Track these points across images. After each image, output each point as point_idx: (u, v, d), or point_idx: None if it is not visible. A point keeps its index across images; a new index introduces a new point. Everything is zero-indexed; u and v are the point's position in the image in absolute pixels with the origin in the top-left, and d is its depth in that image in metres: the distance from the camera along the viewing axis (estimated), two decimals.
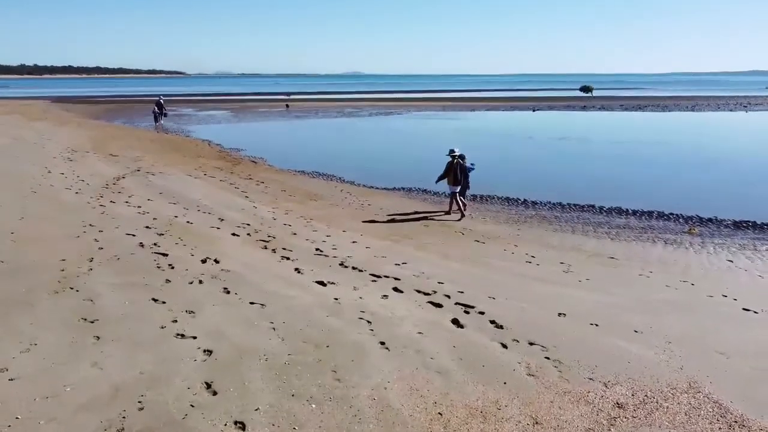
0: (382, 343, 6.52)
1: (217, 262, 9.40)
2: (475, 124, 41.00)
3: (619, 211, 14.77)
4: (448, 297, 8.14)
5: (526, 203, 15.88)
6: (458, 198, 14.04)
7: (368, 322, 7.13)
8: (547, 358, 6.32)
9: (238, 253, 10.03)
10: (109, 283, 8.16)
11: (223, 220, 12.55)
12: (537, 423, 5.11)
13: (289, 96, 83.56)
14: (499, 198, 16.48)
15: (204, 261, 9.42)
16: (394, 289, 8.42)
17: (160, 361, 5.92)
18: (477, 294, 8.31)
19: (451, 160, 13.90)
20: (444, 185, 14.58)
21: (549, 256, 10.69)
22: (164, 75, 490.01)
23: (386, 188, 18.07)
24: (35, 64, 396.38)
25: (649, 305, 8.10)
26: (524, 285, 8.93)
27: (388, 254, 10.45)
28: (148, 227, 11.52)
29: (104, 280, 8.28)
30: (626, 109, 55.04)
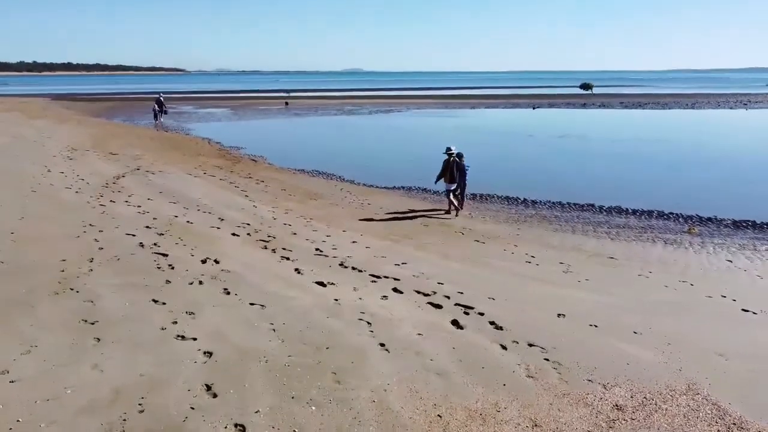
0: (382, 345, 6.54)
1: (217, 262, 9.42)
2: (476, 122, 40.98)
3: (619, 211, 14.78)
4: (448, 298, 8.16)
5: (526, 202, 15.88)
6: (452, 195, 14.21)
7: (368, 323, 7.14)
8: (547, 360, 6.34)
9: (238, 253, 10.04)
10: (110, 284, 8.17)
11: (223, 220, 12.56)
12: (536, 425, 5.13)
13: (288, 93, 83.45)
14: (499, 197, 16.49)
15: (204, 261, 9.43)
16: (394, 290, 8.43)
17: (161, 363, 5.93)
18: (477, 294, 8.33)
19: (448, 158, 14.03)
20: (443, 184, 14.60)
21: (549, 256, 10.71)
22: (164, 72, 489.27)
23: (386, 187, 18.07)
24: (34, 61, 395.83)
25: (649, 306, 8.12)
26: (524, 285, 8.95)
27: (388, 254, 10.47)
28: (148, 227, 11.53)
29: (104, 280, 8.30)
30: (626, 107, 55.01)
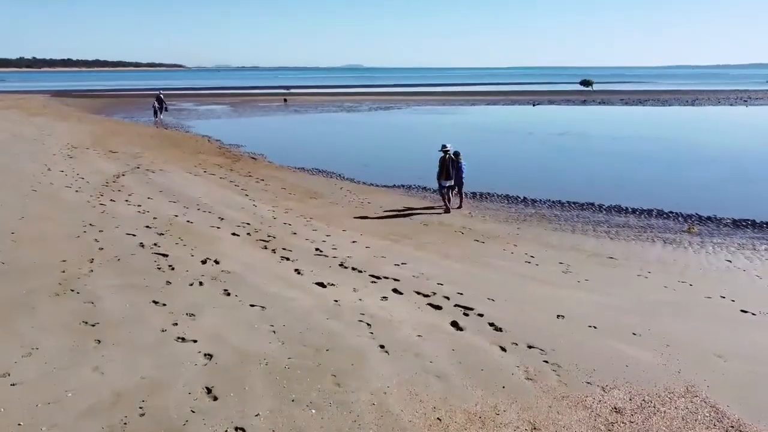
0: (382, 347, 6.55)
1: (217, 262, 9.43)
2: (475, 119, 40.95)
3: (619, 210, 14.79)
4: (448, 298, 8.18)
5: (526, 201, 15.90)
6: (451, 193, 14.51)
7: (368, 324, 7.16)
8: (546, 362, 6.35)
9: (238, 254, 10.06)
10: (110, 285, 8.19)
11: (223, 219, 12.58)
12: (535, 428, 5.14)
13: (288, 90, 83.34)
14: (498, 196, 16.51)
15: (204, 262, 9.44)
16: (394, 291, 8.45)
17: (161, 366, 5.95)
18: (476, 295, 8.34)
19: (444, 156, 14.23)
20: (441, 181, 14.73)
21: (548, 256, 10.73)
22: (164, 68, 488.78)
23: (386, 185, 18.08)
24: (34, 57, 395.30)
25: (648, 307, 8.13)
26: (523, 286, 8.97)
27: (388, 254, 10.49)
28: (148, 227, 11.55)
29: (105, 281, 8.31)
30: (626, 104, 54.99)
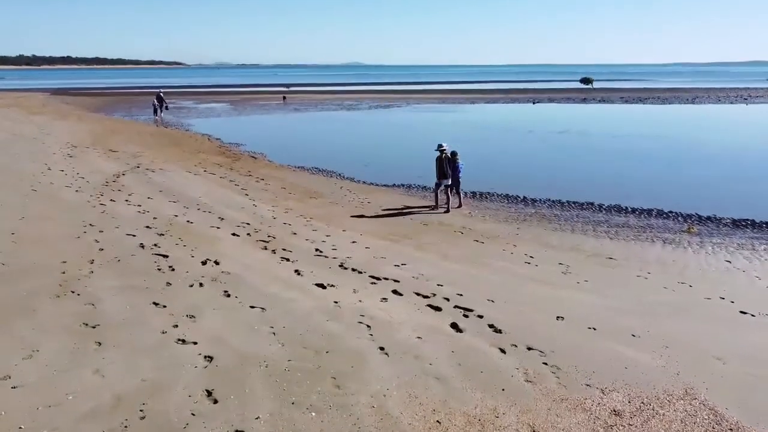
0: (382, 349, 6.57)
1: (217, 263, 9.44)
2: (475, 117, 40.94)
3: (619, 210, 14.79)
4: (447, 300, 8.19)
5: (526, 201, 15.89)
6: (440, 192, 14.69)
7: (368, 326, 7.17)
8: (545, 364, 6.37)
9: (238, 254, 10.07)
10: (110, 286, 8.20)
11: (223, 219, 12.59)
12: (534, 431, 5.16)
13: (288, 88, 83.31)
14: (498, 195, 16.50)
15: (204, 263, 9.45)
16: (394, 292, 8.46)
17: (162, 368, 5.97)
18: (476, 296, 8.36)
19: (440, 155, 14.45)
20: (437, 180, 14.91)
21: (548, 257, 10.73)
22: (163, 66, 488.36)
23: (386, 185, 18.08)
24: (33, 55, 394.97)
25: (647, 308, 8.15)
26: (523, 287, 8.98)
27: (388, 255, 10.50)
28: (148, 227, 11.56)
29: (105, 283, 8.33)
30: (626, 102, 54.95)
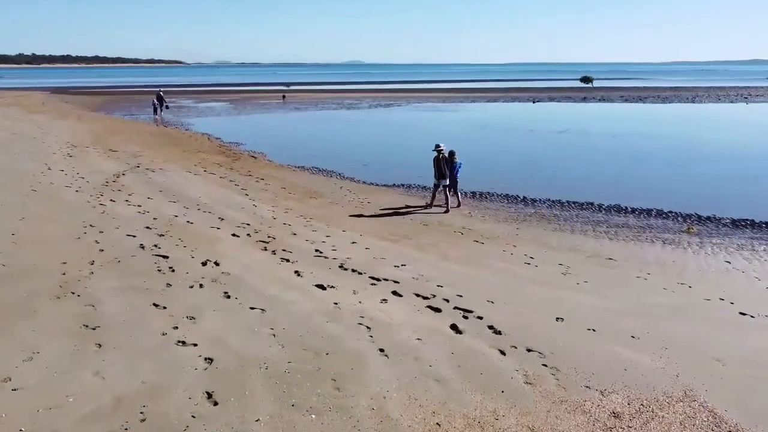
0: (381, 350, 6.58)
1: (217, 264, 9.45)
2: (476, 116, 40.91)
3: (618, 210, 14.78)
4: (447, 301, 8.20)
5: (526, 200, 15.90)
6: (438, 192, 14.80)
7: (367, 327, 7.19)
8: (545, 366, 6.38)
9: (239, 255, 10.08)
10: (110, 288, 8.21)
11: (223, 220, 12.59)
12: None
13: (288, 87, 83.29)
14: (498, 195, 16.51)
15: (204, 263, 9.46)
16: (394, 293, 8.47)
17: (162, 370, 5.98)
18: (476, 297, 8.37)
19: (437, 155, 14.61)
20: (433, 179, 15.02)
21: (548, 257, 10.74)
22: (163, 64, 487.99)
23: (386, 185, 18.08)
24: (33, 53, 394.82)
25: (647, 309, 8.16)
26: (522, 288, 8.99)
27: (388, 255, 10.50)
28: (148, 227, 11.56)
29: (105, 284, 8.34)
30: (626, 101, 54.94)
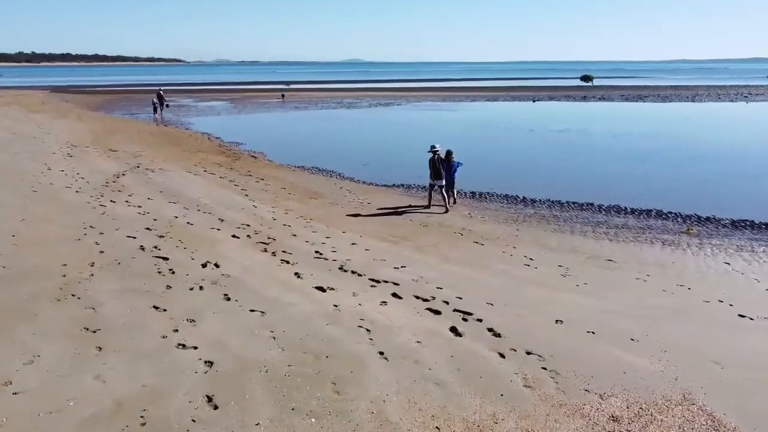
0: (381, 353, 6.60)
1: (217, 266, 9.46)
2: (476, 115, 40.90)
3: (618, 210, 14.79)
4: (447, 303, 8.21)
5: (526, 201, 15.90)
6: (434, 192, 14.94)
7: (367, 330, 7.20)
8: (544, 369, 6.40)
9: (238, 256, 10.09)
10: (111, 290, 8.22)
11: (223, 221, 12.60)
12: None
13: (288, 85, 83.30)
14: (498, 195, 16.51)
15: (204, 265, 9.47)
16: (393, 295, 8.49)
17: (162, 373, 5.99)
18: (475, 300, 8.38)
19: (433, 156, 14.73)
20: (429, 180, 15.15)
21: (547, 258, 10.75)
22: (163, 63, 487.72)
23: (386, 185, 18.09)
24: (33, 52, 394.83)
25: (646, 311, 8.17)
26: (522, 289, 9.00)
27: (388, 257, 10.52)
28: (148, 229, 11.57)
29: (105, 286, 8.35)
30: (626, 100, 54.93)
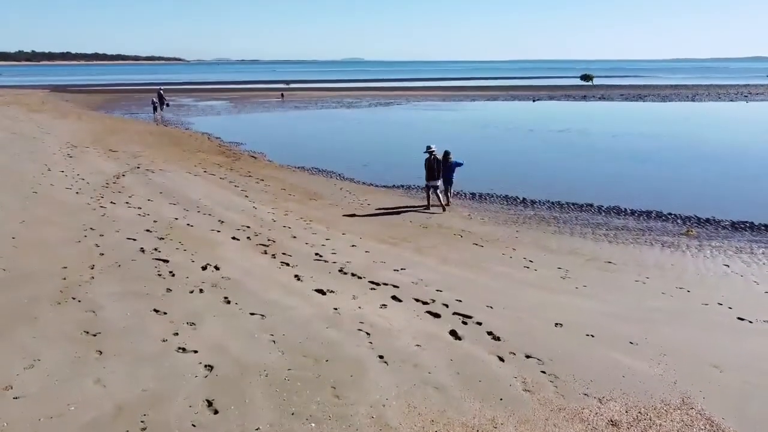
0: (381, 357, 6.61)
1: (217, 268, 9.48)
2: (476, 115, 40.89)
3: (618, 211, 14.81)
4: (447, 306, 8.22)
5: (525, 202, 15.92)
6: (432, 192, 15.00)
7: (367, 333, 7.21)
8: (543, 372, 6.41)
9: (238, 259, 10.10)
10: (111, 293, 8.23)
11: (223, 222, 12.61)
12: None
13: (287, 84, 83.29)
14: (498, 196, 16.53)
15: (204, 268, 9.48)
16: (393, 298, 8.50)
17: (162, 378, 6.01)
18: (475, 302, 8.39)
19: (429, 157, 14.81)
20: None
21: (547, 261, 10.77)
22: (163, 61, 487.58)
23: (385, 186, 18.11)
24: (33, 51, 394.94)
25: (645, 314, 8.18)
26: (522, 292, 9.01)
27: (387, 258, 10.53)
28: (148, 230, 11.58)
29: (106, 289, 8.36)
30: (626, 99, 54.91)
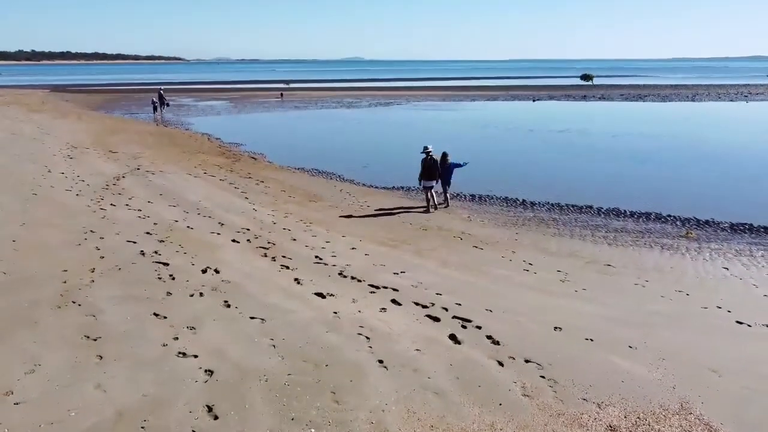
0: (381, 362, 6.62)
1: (217, 272, 9.49)
2: (476, 115, 40.91)
3: (617, 213, 14.82)
4: (446, 310, 8.24)
5: (525, 204, 15.93)
6: (427, 193, 15.13)
7: (367, 338, 7.23)
8: (543, 377, 6.43)
9: (238, 262, 10.11)
10: (111, 296, 8.25)
11: (223, 225, 12.62)
12: None
13: (287, 84, 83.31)
14: (498, 198, 16.55)
15: (204, 271, 9.50)
16: (393, 301, 8.51)
17: (162, 383, 6.02)
18: (474, 306, 8.40)
19: (425, 157, 14.91)
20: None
21: (547, 263, 10.78)
22: (163, 61, 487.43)
23: (385, 187, 18.13)
24: (33, 50, 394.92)
25: (644, 318, 8.20)
26: (521, 296, 9.02)
27: (387, 261, 10.54)
28: (148, 233, 11.60)
29: (106, 293, 8.37)
30: (626, 99, 54.94)
